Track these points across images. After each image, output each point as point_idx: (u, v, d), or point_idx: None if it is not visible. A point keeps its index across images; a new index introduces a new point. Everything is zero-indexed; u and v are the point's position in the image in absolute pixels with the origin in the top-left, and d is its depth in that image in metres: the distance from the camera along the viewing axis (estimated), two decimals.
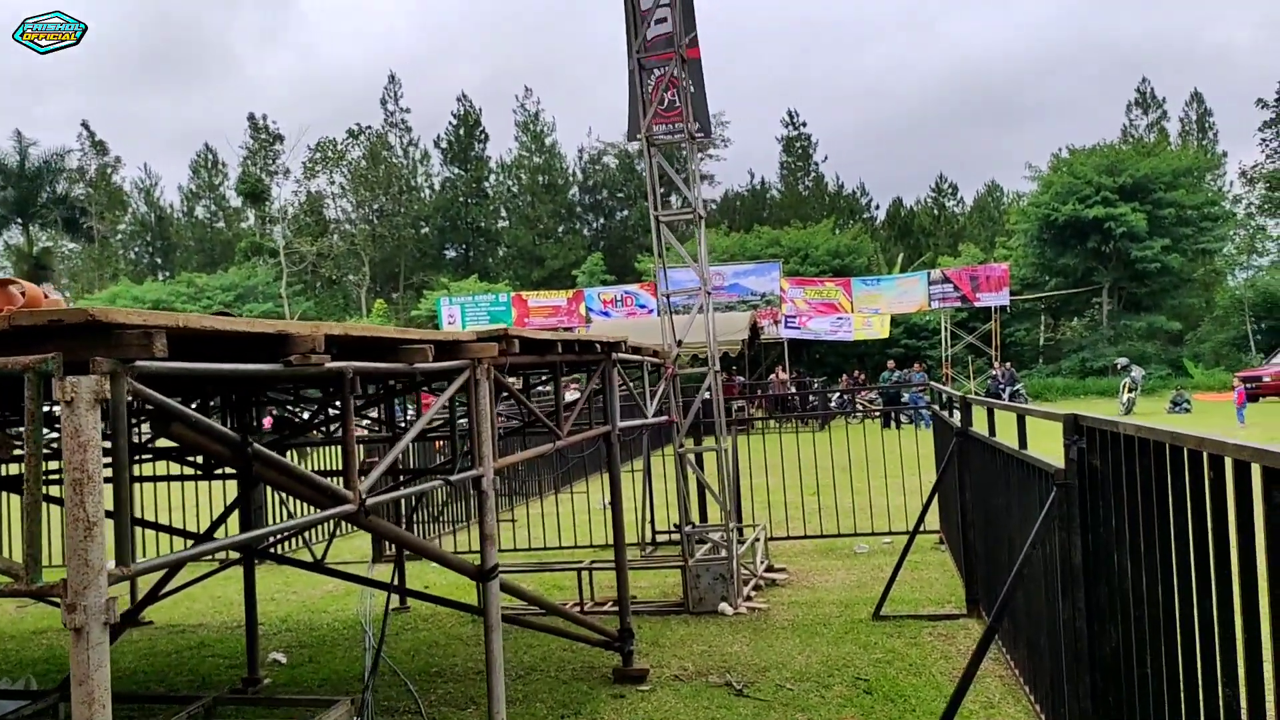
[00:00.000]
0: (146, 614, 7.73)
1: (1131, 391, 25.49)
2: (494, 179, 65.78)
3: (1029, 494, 4.40)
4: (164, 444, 4.96)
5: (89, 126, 67.29)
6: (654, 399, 7.01)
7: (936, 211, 67.48)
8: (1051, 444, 3.98)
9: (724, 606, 7.03)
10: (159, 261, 68.62)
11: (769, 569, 8.38)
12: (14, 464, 4.91)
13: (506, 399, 4.99)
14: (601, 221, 63.80)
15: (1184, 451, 2.59)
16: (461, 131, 65.07)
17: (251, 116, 64.57)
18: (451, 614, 7.31)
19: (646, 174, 7.63)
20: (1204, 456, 2.46)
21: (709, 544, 7.64)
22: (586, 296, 37.80)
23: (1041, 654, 4.37)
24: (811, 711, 4.96)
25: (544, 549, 9.82)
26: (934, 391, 10.15)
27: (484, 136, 65.70)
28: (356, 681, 5.83)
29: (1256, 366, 31.28)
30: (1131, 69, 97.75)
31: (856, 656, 5.83)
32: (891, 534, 9.40)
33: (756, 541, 8.44)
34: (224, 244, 65.11)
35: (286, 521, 3.37)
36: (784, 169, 67.40)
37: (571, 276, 49.62)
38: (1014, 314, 39.55)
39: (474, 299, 39.37)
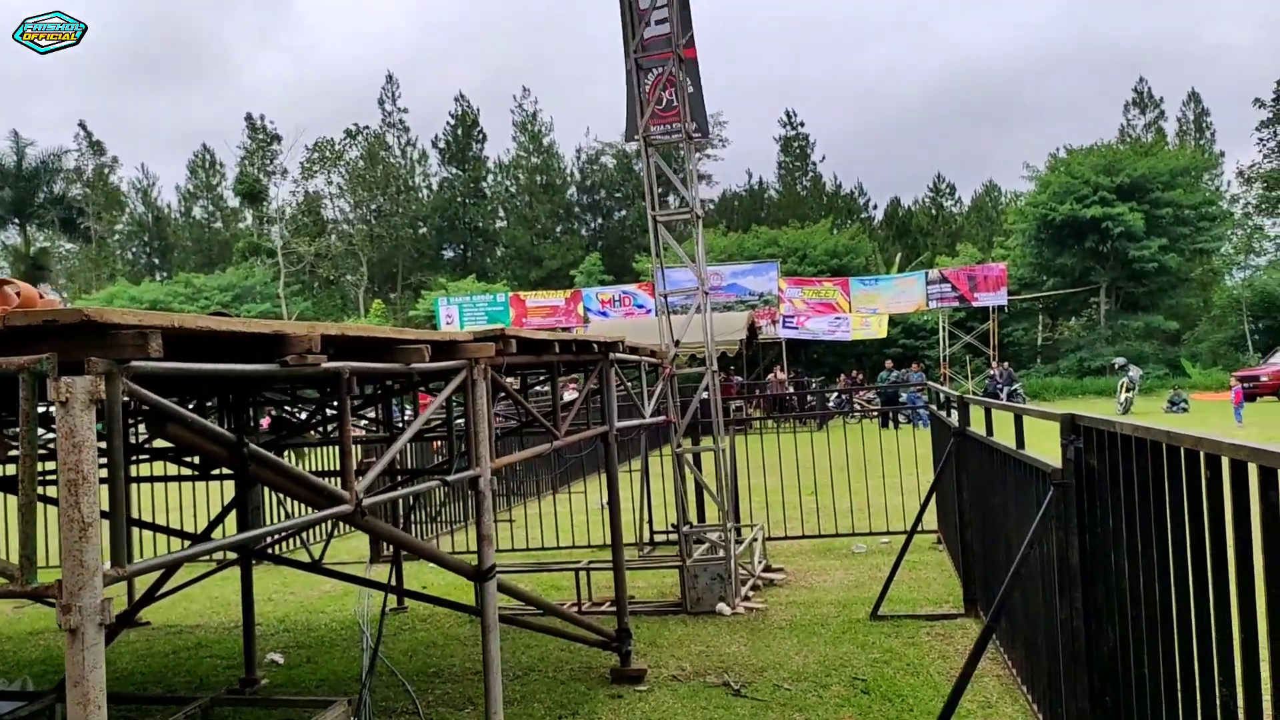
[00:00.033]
0: (144, 614, 7.73)
1: (1129, 391, 25.54)
2: (492, 179, 65.76)
3: (1026, 494, 4.40)
4: (161, 444, 4.95)
5: (86, 126, 67.16)
6: (652, 399, 7.01)
7: (934, 211, 67.52)
8: (1049, 444, 3.98)
9: (722, 606, 7.03)
10: (156, 262, 68.52)
11: (767, 569, 8.38)
12: (9, 465, 4.91)
13: (504, 399, 4.98)
14: (599, 221, 63.80)
15: (1181, 451, 2.59)
16: (459, 131, 65.03)
17: (249, 116, 64.52)
18: (449, 614, 7.31)
19: (644, 174, 7.63)
20: (1201, 456, 2.46)
21: (707, 544, 7.63)
22: (584, 296, 37.80)
23: (1039, 654, 4.37)
24: (809, 711, 4.96)
25: (542, 549, 9.82)
26: (931, 391, 10.15)
27: (482, 136, 65.70)
28: (354, 682, 5.83)
29: (1254, 366, 31.34)
30: (1129, 69, 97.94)
31: (854, 656, 5.83)
32: (889, 534, 9.40)
33: (754, 541, 8.44)
34: (221, 244, 65.02)
35: (284, 522, 3.37)
36: (782, 169, 67.45)
37: (569, 276, 49.63)
38: (1012, 314, 39.60)
39: (472, 299, 39.38)
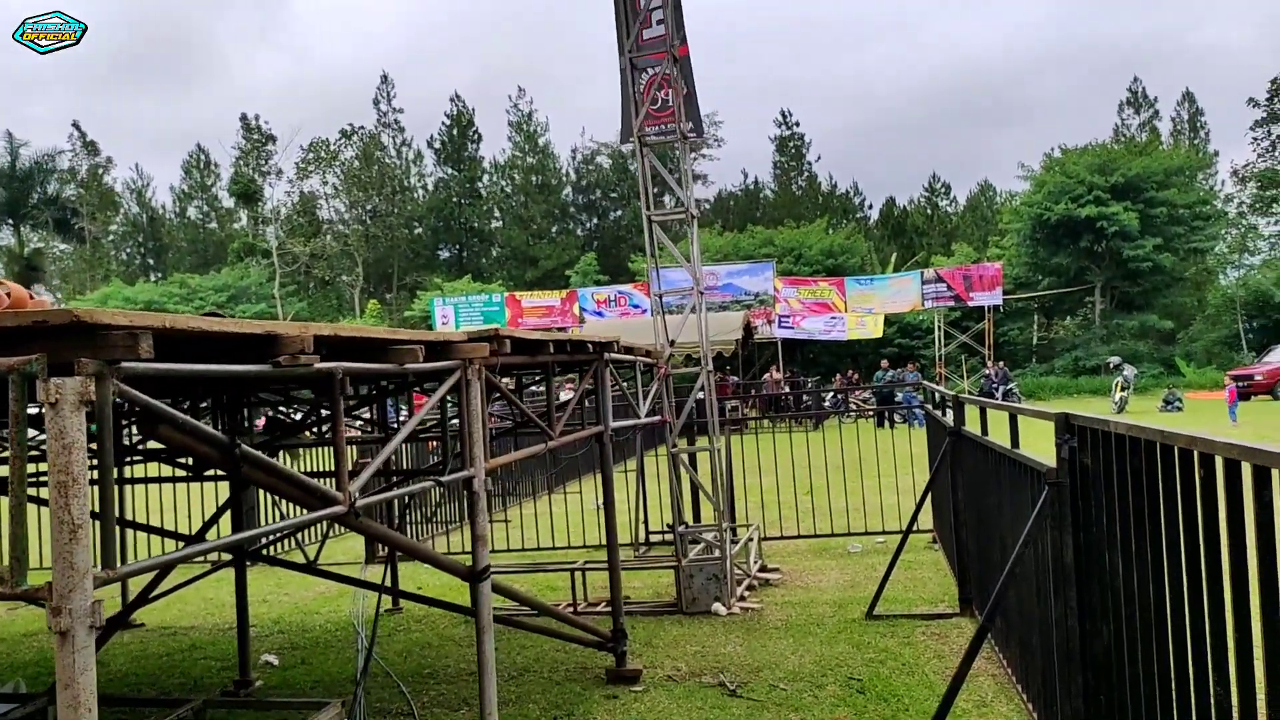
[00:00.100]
0: (138, 616, 7.71)
1: (1124, 390, 25.60)
2: (487, 179, 65.69)
3: (1021, 493, 4.41)
4: (155, 445, 4.94)
5: (80, 127, 67.14)
6: (647, 399, 7.00)
7: (930, 211, 67.56)
8: (1044, 443, 3.98)
9: (717, 607, 7.03)
10: (151, 262, 68.33)
11: (762, 569, 8.38)
12: (1, 466, 4.90)
13: (499, 399, 4.98)
14: (595, 221, 63.77)
15: (1175, 450, 2.59)
16: (455, 132, 64.95)
17: (244, 117, 64.40)
18: (444, 615, 7.29)
19: (639, 174, 7.62)
20: (1195, 455, 2.46)
21: (702, 544, 7.63)
22: (580, 296, 37.78)
23: (1034, 653, 4.37)
24: (805, 711, 4.96)
25: (537, 549, 9.81)
26: (927, 391, 10.15)
27: (477, 137, 65.60)
28: (349, 683, 5.81)
29: (1248, 365, 31.43)
30: (1123, 69, 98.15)
31: (850, 656, 5.83)
32: (885, 533, 9.40)
33: (750, 541, 8.44)
34: (216, 245, 64.86)
35: (278, 523, 3.36)
36: (777, 169, 67.44)
37: (565, 277, 49.60)
38: (1007, 313, 39.65)
39: (467, 299, 39.34)
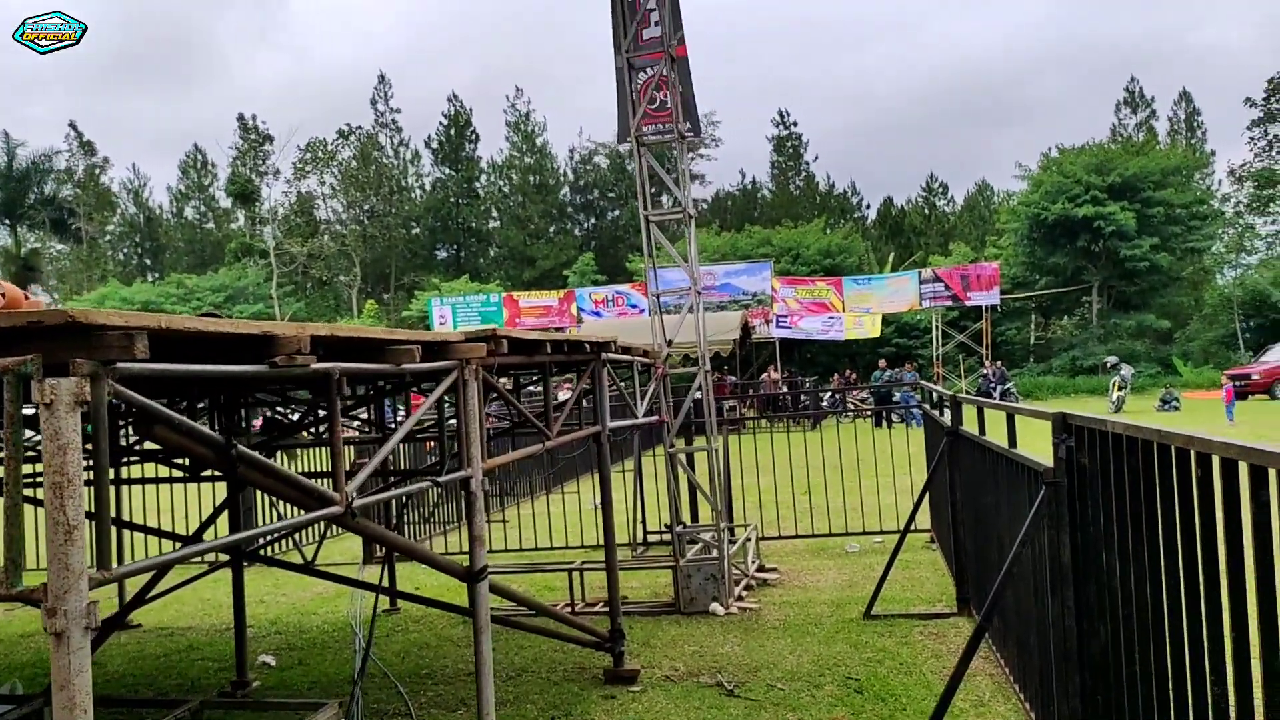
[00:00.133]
0: (135, 616, 7.69)
1: (1121, 390, 25.64)
2: (485, 179, 65.66)
3: (1018, 493, 4.41)
4: (152, 446, 4.93)
5: (77, 127, 66.96)
6: (645, 399, 7.00)
7: (927, 211, 67.61)
8: (1041, 443, 3.98)
9: (715, 607, 7.03)
10: (148, 263, 68.26)
11: (760, 569, 8.38)
12: None
13: (496, 399, 4.97)
14: (593, 221, 63.76)
15: (1172, 450, 2.60)
16: (452, 132, 64.92)
17: (241, 117, 64.38)
18: (442, 615, 7.29)
19: (636, 174, 7.62)
20: (1192, 455, 2.46)
21: (700, 544, 7.63)
22: (578, 297, 37.77)
23: (1031, 652, 4.37)
24: (802, 711, 4.96)
25: (535, 550, 9.80)
26: (925, 390, 10.16)
27: (475, 137, 65.59)
28: (347, 684, 5.80)
29: (1245, 364, 31.46)
30: (1120, 69, 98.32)
31: (847, 656, 5.83)
32: (883, 533, 9.40)
33: (748, 541, 8.44)
34: (214, 245, 64.78)
35: (277, 523, 3.35)
36: (775, 169, 67.45)
37: (563, 277, 49.59)
38: (1004, 313, 39.68)
39: (465, 299, 39.33)
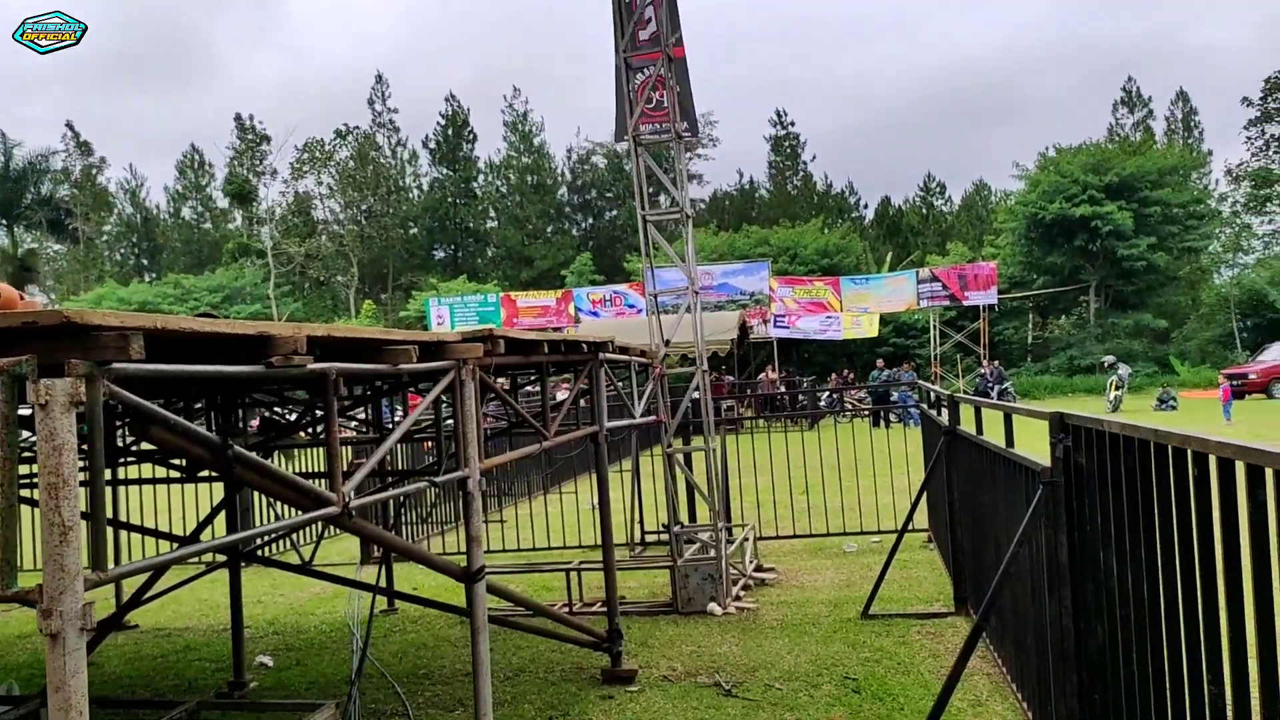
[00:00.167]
0: (132, 617, 7.67)
1: (1118, 389, 25.68)
2: (482, 179, 65.63)
3: (1015, 492, 4.41)
4: (150, 446, 4.92)
5: (73, 127, 66.83)
6: (642, 399, 6.99)
7: (925, 210, 67.65)
8: (1039, 443, 3.98)
9: (713, 606, 7.02)
10: (145, 263, 68.17)
11: (758, 569, 8.38)
12: None
13: (493, 399, 4.97)
14: (590, 221, 63.73)
15: (1168, 449, 2.59)
16: (450, 132, 64.88)
17: (238, 117, 64.26)
18: (440, 615, 7.28)
19: (634, 174, 7.61)
20: (1188, 454, 2.46)
21: (698, 544, 7.63)
22: (575, 296, 37.78)
23: (1028, 652, 4.37)
24: (800, 711, 4.96)
25: (533, 550, 9.80)
26: (922, 390, 10.16)
27: (472, 137, 65.55)
28: (344, 684, 5.79)
29: (1242, 364, 31.51)
30: (1117, 68, 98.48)
31: (845, 656, 5.83)
32: (880, 533, 9.41)
33: (745, 541, 8.44)
34: (211, 245, 64.71)
35: (274, 524, 3.35)
36: (772, 168, 67.46)
37: (560, 277, 49.57)
38: (1002, 312, 39.71)
39: (463, 299, 39.33)
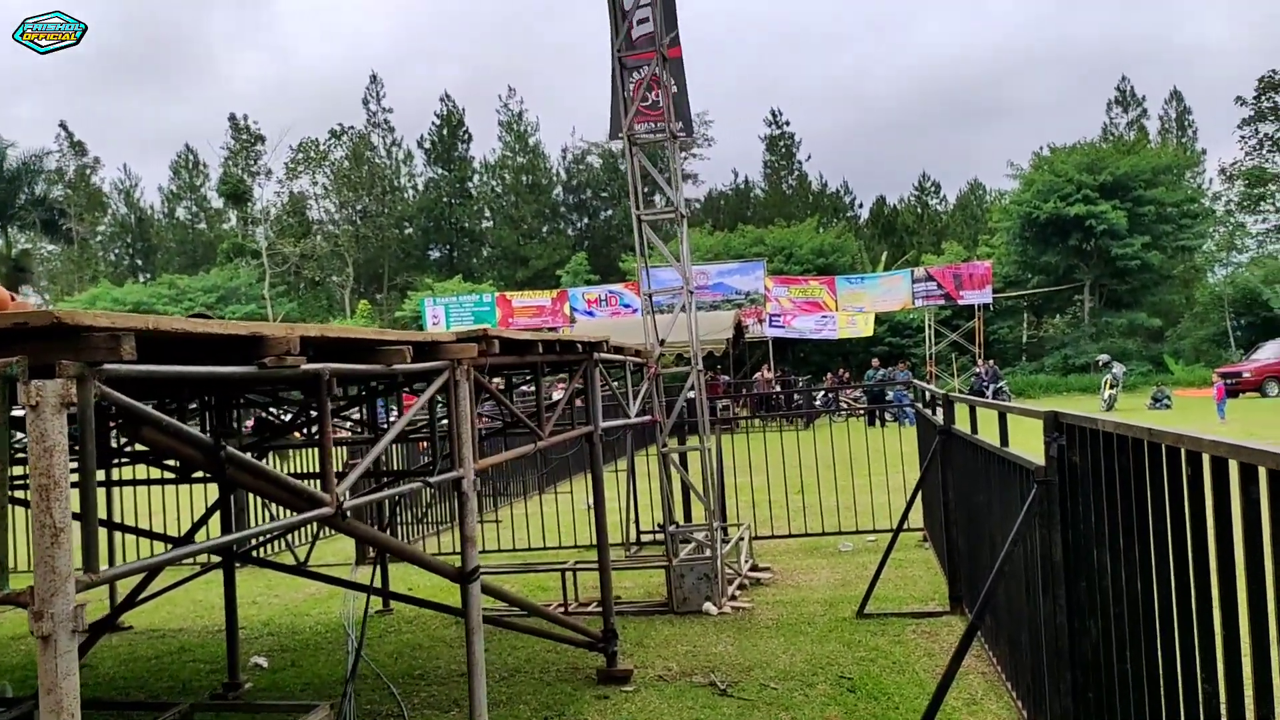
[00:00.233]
0: (126, 618, 7.66)
1: (1113, 388, 25.73)
2: (478, 179, 65.56)
3: (1010, 491, 4.41)
4: (144, 447, 4.90)
5: (67, 127, 66.73)
6: (637, 399, 6.99)
7: (920, 210, 67.75)
8: (1033, 441, 3.99)
9: (708, 606, 7.02)
10: (140, 263, 68.00)
11: (753, 568, 8.38)
12: None
13: (489, 399, 4.96)
14: (585, 221, 63.70)
15: (1162, 448, 2.60)
16: (445, 132, 64.82)
17: (232, 117, 63.94)
18: (435, 616, 7.27)
19: (629, 174, 7.61)
20: (1182, 453, 2.47)
21: (693, 544, 7.63)
22: (571, 296, 37.77)
23: (1023, 650, 4.38)
24: (795, 710, 4.96)
25: (528, 550, 9.80)
26: (917, 389, 10.17)
27: (467, 137, 65.50)
28: (339, 685, 5.78)
29: (1236, 362, 31.60)
30: (1112, 68, 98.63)
31: (840, 655, 5.84)
32: (876, 532, 9.42)
33: (741, 541, 8.44)
34: (206, 245, 64.57)
35: (269, 524, 3.34)
36: (768, 168, 67.49)
37: (556, 276, 49.53)
38: (997, 311, 39.78)
39: (458, 300, 39.29)
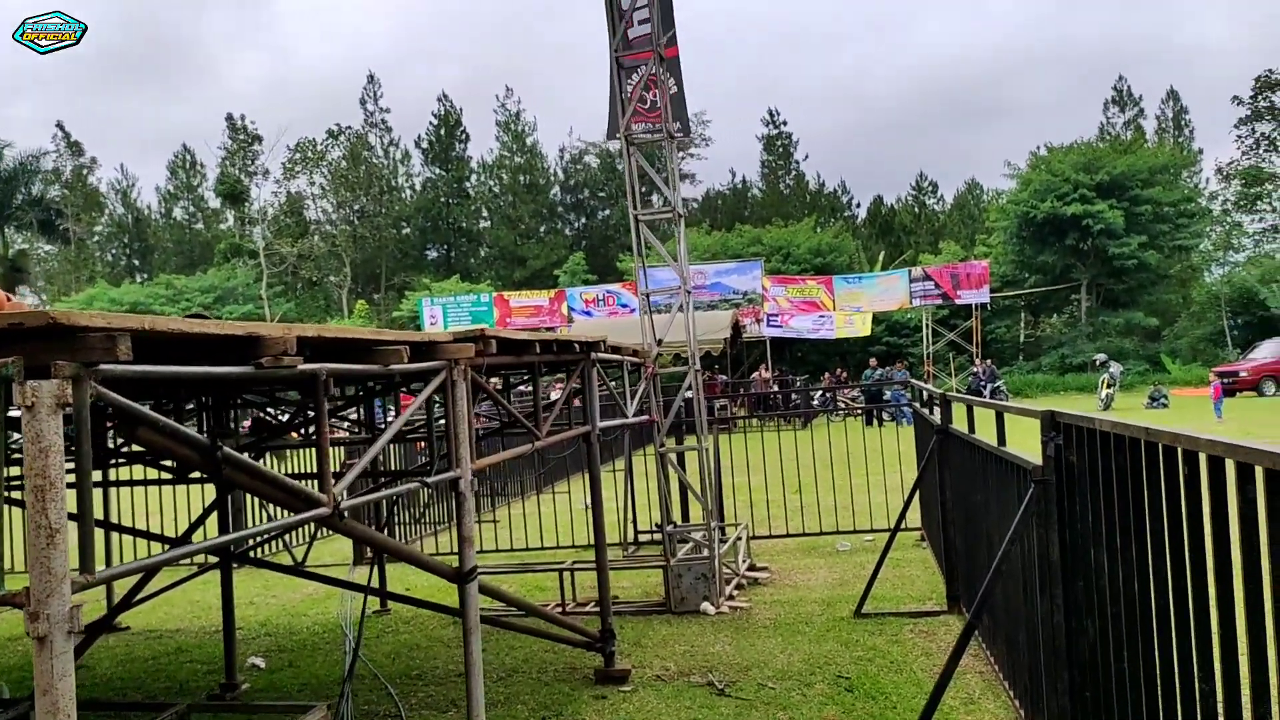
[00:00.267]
0: (123, 619, 7.65)
1: (1110, 387, 25.76)
2: (475, 179, 65.51)
3: (1008, 490, 4.41)
4: (140, 448, 4.90)
5: (64, 127, 66.56)
6: (635, 399, 6.99)
7: (917, 209, 67.78)
8: (1031, 441, 3.99)
9: (706, 606, 7.02)
10: (137, 263, 67.89)
11: (751, 568, 8.38)
12: None
13: (486, 399, 4.96)
14: (583, 221, 63.69)
15: (1159, 447, 2.60)
16: (442, 131, 64.76)
17: (230, 117, 63.93)
18: (433, 616, 7.27)
19: (626, 174, 7.61)
20: (1179, 452, 2.47)
21: (691, 543, 7.62)
22: (568, 296, 37.77)
23: (1020, 650, 4.38)
24: (793, 710, 4.96)
25: (526, 550, 9.79)
26: (915, 389, 10.17)
27: (465, 136, 65.44)
28: (337, 686, 5.77)
29: (1233, 362, 31.63)
30: (1111, 68, 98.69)
31: (838, 654, 5.84)
32: (873, 531, 9.42)
33: (738, 540, 8.44)
34: (203, 245, 64.49)
35: (266, 525, 3.33)
36: (765, 168, 67.50)
37: (553, 276, 49.52)
38: (994, 311, 39.79)
39: (456, 299, 39.27)
